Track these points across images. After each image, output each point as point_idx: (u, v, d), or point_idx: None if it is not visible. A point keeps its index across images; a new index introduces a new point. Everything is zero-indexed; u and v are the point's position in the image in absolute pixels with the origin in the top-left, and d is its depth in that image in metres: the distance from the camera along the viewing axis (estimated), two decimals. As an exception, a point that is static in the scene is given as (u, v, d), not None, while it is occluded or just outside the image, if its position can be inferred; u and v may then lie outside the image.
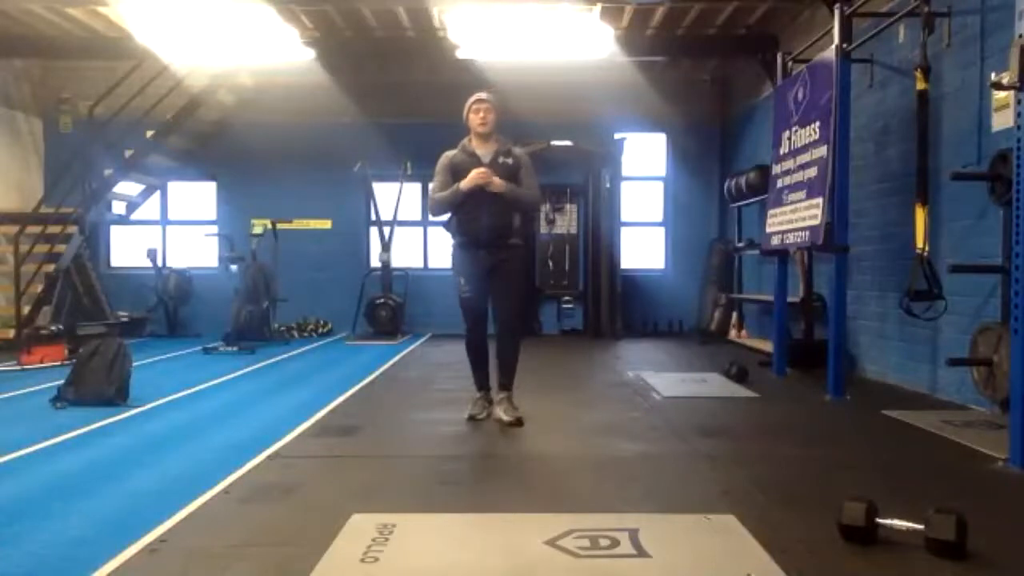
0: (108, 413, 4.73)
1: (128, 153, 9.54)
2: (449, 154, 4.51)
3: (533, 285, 10.41)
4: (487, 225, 4.35)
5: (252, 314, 9.05)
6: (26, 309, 8.69)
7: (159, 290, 10.12)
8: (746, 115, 9.78)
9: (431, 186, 4.54)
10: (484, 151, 4.43)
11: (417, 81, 10.33)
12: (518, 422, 4.32)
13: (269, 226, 9.66)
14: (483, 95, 4.46)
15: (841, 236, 5.33)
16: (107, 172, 9.54)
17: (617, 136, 10.17)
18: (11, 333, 8.53)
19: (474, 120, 4.43)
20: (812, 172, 5.63)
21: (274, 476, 3.35)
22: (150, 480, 3.32)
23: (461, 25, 7.73)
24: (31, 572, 2.32)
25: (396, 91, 10.47)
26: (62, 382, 5.10)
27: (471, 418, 4.50)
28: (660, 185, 11.02)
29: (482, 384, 4.62)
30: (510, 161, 4.43)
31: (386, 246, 10.11)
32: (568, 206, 10.71)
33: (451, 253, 4.56)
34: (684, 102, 10.61)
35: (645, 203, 10.99)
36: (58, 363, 6.93)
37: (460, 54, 8.21)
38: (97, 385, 4.99)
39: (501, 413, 4.40)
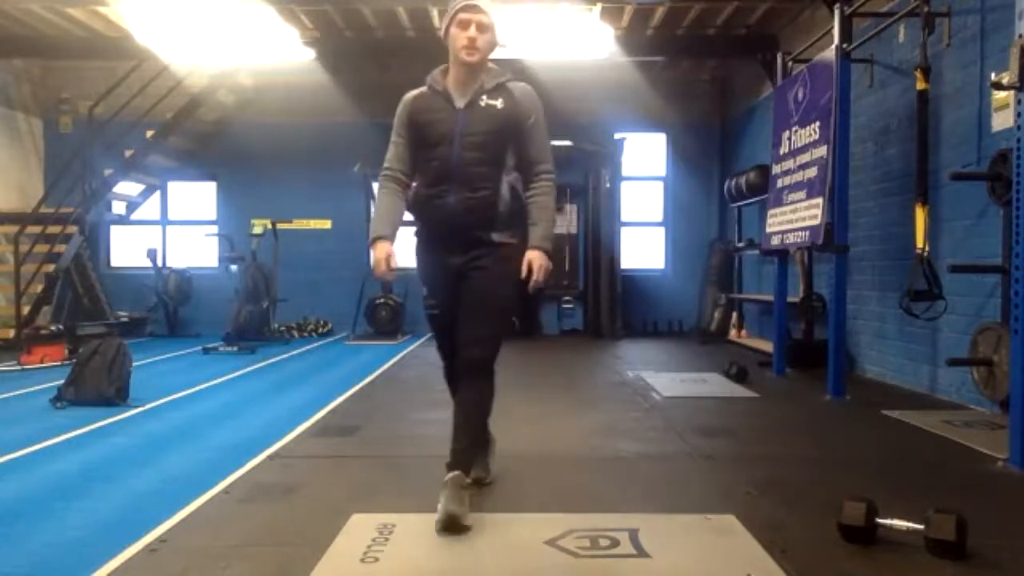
0: (108, 413, 4.73)
1: (128, 153, 9.55)
2: (410, 98, 3.07)
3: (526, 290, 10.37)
4: (456, 207, 2.84)
5: (252, 314, 9.05)
6: (26, 309, 8.70)
7: (159, 290, 10.12)
8: (746, 115, 9.78)
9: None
10: (460, 90, 2.91)
11: (417, 81, 10.29)
12: (451, 521, 2.60)
13: (269, 226, 9.66)
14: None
15: (841, 236, 5.33)
16: (107, 172, 9.54)
17: (617, 136, 10.16)
18: (11, 333, 8.53)
19: (458, 39, 2.82)
20: (812, 172, 5.63)
21: (274, 476, 3.35)
22: (150, 480, 3.32)
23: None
24: (31, 572, 2.32)
25: (396, 91, 10.33)
26: (62, 382, 5.10)
27: (477, 483, 3.08)
28: (660, 185, 11.02)
29: None
30: (498, 104, 2.87)
31: (386, 246, 10.08)
32: (568, 206, 10.71)
33: (415, 245, 3.08)
34: (684, 102, 10.62)
35: (645, 203, 11.00)
36: (58, 363, 6.94)
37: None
38: (97, 385, 4.99)
39: (442, 503, 2.65)
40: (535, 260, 2.89)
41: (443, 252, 2.94)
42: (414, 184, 3.00)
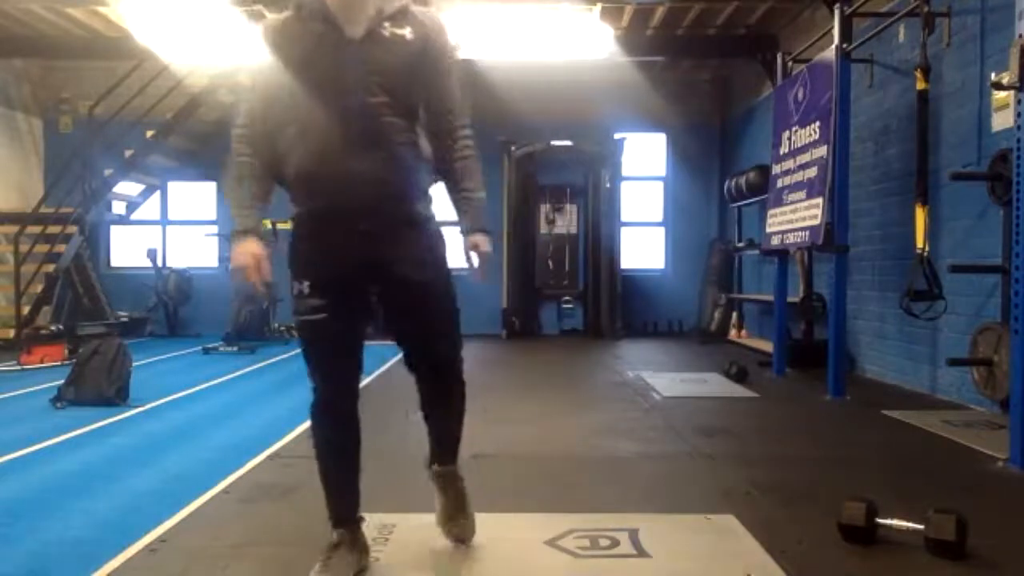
0: (108, 413, 4.72)
1: (128, 153, 9.54)
2: (271, 27, 2.18)
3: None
4: (366, 175, 2.11)
5: (252, 314, 9.05)
6: (26, 309, 8.70)
7: (159, 290, 10.12)
8: (746, 115, 9.77)
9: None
10: (348, 14, 2.10)
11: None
12: (459, 539, 2.49)
13: (269, 226, 9.66)
14: None
15: (841, 236, 5.33)
16: (107, 172, 9.54)
17: (617, 136, 10.16)
18: (11, 333, 8.53)
19: None
20: (812, 172, 5.63)
21: (274, 476, 3.35)
22: (150, 480, 3.32)
23: (461, 25, 7.73)
24: (31, 572, 2.32)
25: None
26: (62, 382, 5.09)
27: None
28: (660, 185, 11.02)
29: (347, 508, 2.38)
30: (407, 33, 2.13)
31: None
32: (568, 206, 10.70)
33: (291, 235, 2.30)
34: (684, 102, 10.61)
35: (645, 203, 10.99)
36: (58, 363, 6.93)
37: (460, 54, 8.22)
38: (97, 385, 4.99)
39: (445, 521, 2.51)
40: (482, 244, 2.21)
41: (345, 238, 2.15)
42: (293, 153, 2.18)
